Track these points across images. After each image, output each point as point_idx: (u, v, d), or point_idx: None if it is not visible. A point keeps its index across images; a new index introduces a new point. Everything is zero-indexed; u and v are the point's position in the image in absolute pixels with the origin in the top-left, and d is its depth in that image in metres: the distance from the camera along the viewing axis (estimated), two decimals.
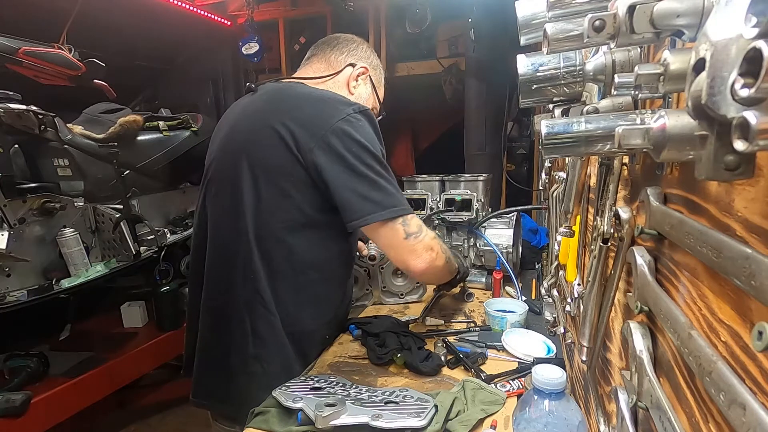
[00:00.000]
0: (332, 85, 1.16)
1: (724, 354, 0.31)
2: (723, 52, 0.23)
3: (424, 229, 1.04)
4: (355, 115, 0.99)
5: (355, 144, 0.96)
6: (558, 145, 0.43)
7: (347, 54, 1.18)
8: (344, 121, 0.97)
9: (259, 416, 0.90)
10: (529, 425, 0.67)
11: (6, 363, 1.89)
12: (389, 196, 0.98)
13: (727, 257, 0.29)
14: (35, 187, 1.88)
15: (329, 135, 0.96)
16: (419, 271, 1.03)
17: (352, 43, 1.20)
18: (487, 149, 2.84)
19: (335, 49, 1.18)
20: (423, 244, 1.02)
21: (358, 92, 1.19)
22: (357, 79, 1.18)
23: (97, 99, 2.29)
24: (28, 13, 2.34)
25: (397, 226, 0.99)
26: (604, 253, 0.60)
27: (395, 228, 0.99)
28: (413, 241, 1.00)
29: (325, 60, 1.18)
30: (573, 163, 0.79)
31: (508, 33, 2.54)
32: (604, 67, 0.50)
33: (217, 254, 1.08)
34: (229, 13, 3.51)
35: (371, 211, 0.96)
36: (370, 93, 1.22)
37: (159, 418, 2.52)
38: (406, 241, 1.00)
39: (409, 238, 1.00)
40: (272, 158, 1.00)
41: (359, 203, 0.96)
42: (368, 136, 0.99)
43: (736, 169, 0.25)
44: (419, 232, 1.01)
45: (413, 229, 1.00)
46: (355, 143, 0.96)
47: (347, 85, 1.17)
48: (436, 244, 1.06)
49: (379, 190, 0.97)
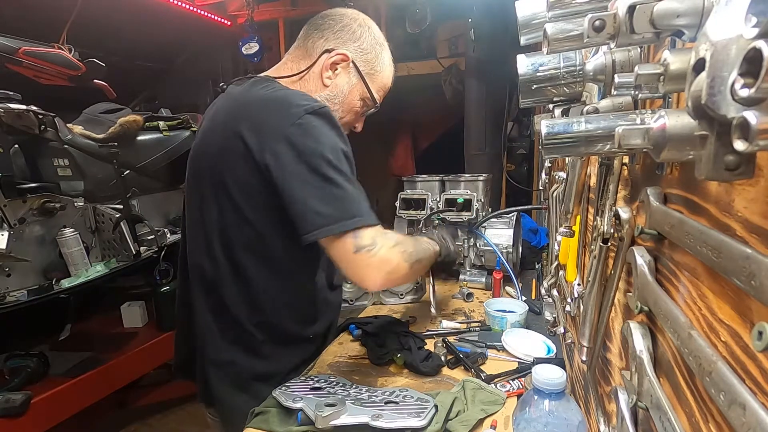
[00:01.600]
0: (308, 76, 1.03)
1: (724, 354, 0.31)
2: (723, 52, 0.23)
3: (380, 239, 0.90)
4: (306, 117, 0.88)
5: (305, 151, 0.87)
6: (558, 145, 0.43)
7: (326, 37, 1.03)
8: (294, 126, 0.87)
9: (259, 416, 0.90)
10: (529, 425, 0.67)
11: (6, 363, 1.89)
12: (341, 207, 0.87)
13: (727, 257, 0.29)
14: (35, 187, 1.88)
15: (279, 144, 0.88)
16: (374, 287, 0.92)
17: (338, 23, 1.04)
18: (487, 149, 2.84)
19: (317, 30, 1.04)
20: (377, 258, 0.89)
21: (335, 83, 1.03)
22: (332, 68, 1.02)
23: (97, 99, 2.29)
24: (28, 13, 2.35)
25: (347, 240, 0.88)
26: (604, 253, 0.60)
27: (345, 242, 0.88)
28: (365, 255, 0.88)
29: (305, 46, 1.05)
30: (573, 163, 0.79)
31: (508, 33, 2.54)
32: (604, 67, 0.50)
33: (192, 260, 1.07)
34: (229, 13, 3.52)
35: (320, 225, 0.87)
36: (354, 84, 1.05)
37: (159, 418, 2.52)
38: (356, 256, 0.88)
39: (359, 252, 0.88)
40: (229, 167, 0.93)
41: (309, 216, 0.87)
42: (320, 138, 0.88)
43: (736, 169, 0.25)
44: (372, 245, 0.89)
45: (365, 242, 0.88)
46: (305, 150, 0.87)
47: (320, 77, 1.02)
48: (395, 254, 0.93)
49: (330, 201, 0.87)
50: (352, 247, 0.88)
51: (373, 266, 0.89)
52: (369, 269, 0.89)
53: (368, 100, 1.09)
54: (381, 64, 1.08)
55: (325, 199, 0.87)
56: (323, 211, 0.86)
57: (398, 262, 0.93)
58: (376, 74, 1.08)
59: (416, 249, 1.00)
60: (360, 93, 1.07)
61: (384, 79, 1.11)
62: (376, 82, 1.08)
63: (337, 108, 1.04)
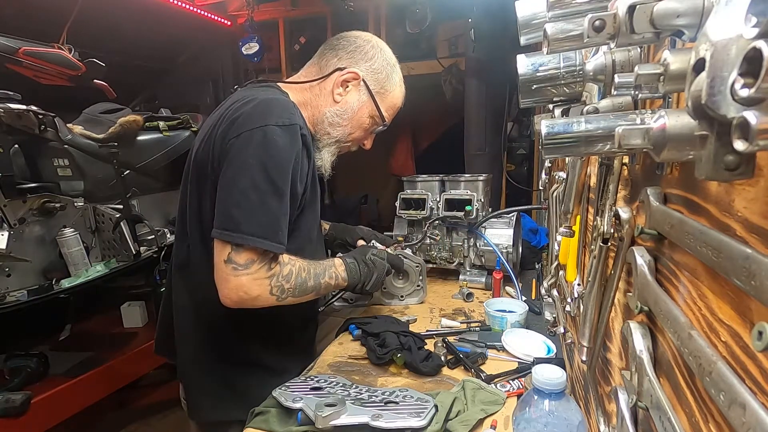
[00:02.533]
0: (318, 90, 1.07)
1: (724, 354, 0.31)
2: (723, 52, 0.23)
3: (256, 266, 0.90)
4: (273, 128, 0.90)
5: (254, 156, 0.89)
6: (558, 145, 0.43)
7: (340, 56, 1.08)
8: (259, 130, 0.90)
9: (259, 416, 0.90)
10: (529, 425, 0.67)
11: (6, 363, 1.89)
12: (251, 220, 0.89)
13: (727, 257, 0.29)
14: (35, 187, 1.88)
15: (239, 140, 0.91)
16: (225, 302, 0.92)
17: (352, 44, 1.09)
18: (487, 149, 2.84)
19: (332, 50, 1.09)
20: (238, 281, 0.89)
21: (346, 100, 1.07)
22: (343, 85, 1.07)
23: (97, 99, 2.29)
24: (28, 13, 2.34)
25: (227, 248, 0.90)
26: (604, 253, 0.60)
27: (225, 248, 0.90)
28: (230, 269, 0.89)
29: (319, 63, 1.10)
30: (573, 163, 0.79)
31: (508, 33, 2.54)
32: (604, 67, 0.50)
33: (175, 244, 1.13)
34: (229, 13, 3.52)
35: (223, 226, 0.89)
36: (365, 102, 1.09)
37: (159, 418, 2.52)
38: (223, 266, 0.90)
39: (228, 264, 0.89)
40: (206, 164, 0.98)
41: (221, 215, 0.91)
42: (274, 152, 0.90)
43: (736, 169, 0.25)
44: (243, 266, 0.89)
45: (238, 259, 0.89)
46: (255, 155, 0.89)
47: (332, 93, 1.06)
48: (261, 287, 0.92)
49: (245, 210, 0.89)
50: (225, 255, 0.90)
51: (231, 284, 0.90)
52: (226, 284, 0.91)
53: (377, 118, 1.12)
54: (391, 85, 1.12)
55: (241, 204, 0.89)
56: (233, 214, 0.89)
57: (260, 295, 0.93)
58: (386, 94, 1.12)
59: (298, 286, 0.99)
60: (369, 111, 1.11)
61: (394, 99, 1.14)
62: (386, 101, 1.12)
63: (346, 124, 1.08)
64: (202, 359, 1.07)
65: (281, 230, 0.92)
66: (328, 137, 1.09)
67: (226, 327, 1.05)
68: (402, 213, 1.75)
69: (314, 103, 1.08)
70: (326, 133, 1.08)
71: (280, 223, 0.92)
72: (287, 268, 0.97)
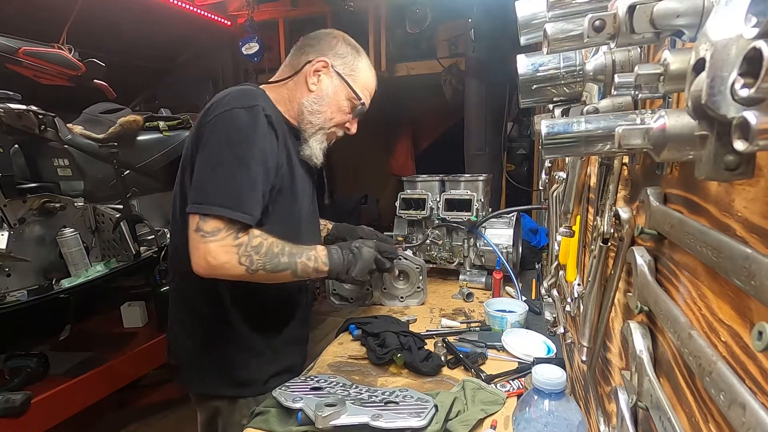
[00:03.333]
0: (293, 86, 1.15)
1: (724, 354, 0.31)
2: (723, 52, 0.23)
3: (224, 234, 0.95)
4: (236, 110, 0.99)
5: (219, 134, 0.98)
6: (558, 145, 0.43)
7: (307, 52, 1.15)
8: (225, 113, 0.99)
9: (259, 416, 0.90)
10: (529, 425, 0.67)
11: (6, 363, 1.88)
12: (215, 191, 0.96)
13: (727, 257, 0.29)
14: (35, 187, 1.88)
15: (207, 126, 1.00)
16: (197, 270, 0.97)
17: (315, 38, 1.18)
18: (487, 149, 2.84)
19: (299, 49, 1.17)
20: (205, 248, 0.95)
21: (320, 87, 1.14)
22: (315, 74, 1.13)
23: (97, 99, 2.29)
24: (28, 13, 2.35)
25: (195, 218, 0.96)
26: (604, 253, 0.60)
27: (194, 218, 0.96)
28: (198, 237, 0.95)
29: (290, 64, 1.18)
30: (573, 163, 0.79)
31: (508, 33, 2.54)
32: (604, 67, 0.50)
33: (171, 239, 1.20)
34: (229, 13, 3.52)
35: (192, 200, 0.97)
36: (338, 85, 1.15)
37: (159, 418, 2.52)
38: (193, 234, 0.96)
39: (197, 232, 0.95)
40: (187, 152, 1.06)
41: (192, 193, 0.98)
42: (237, 129, 0.98)
43: (736, 169, 0.25)
44: (210, 234, 0.95)
45: (205, 227, 0.95)
46: (220, 134, 0.98)
47: (306, 83, 1.13)
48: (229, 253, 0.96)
49: (210, 182, 0.97)
50: (195, 225, 0.96)
51: (200, 251, 0.95)
52: (196, 252, 0.96)
53: (354, 99, 1.17)
54: (359, 66, 1.19)
55: (209, 180, 0.97)
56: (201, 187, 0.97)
57: (227, 262, 0.96)
58: (356, 74, 1.18)
59: (269, 260, 1.01)
60: (345, 94, 1.16)
61: (365, 79, 1.20)
62: (358, 81, 1.18)
63: (324, 109, 1.14)
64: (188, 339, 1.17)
65: (246, 201, 0.97)
66: (311, 126, 1.14)
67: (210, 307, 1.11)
68: (402, 213, 1.75)
69: (291, 97, 1.14)
70: (309, 123, 1.14)
71: (246, 194, 0.97)
72: (257, 240, 1.00)
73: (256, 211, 0.99)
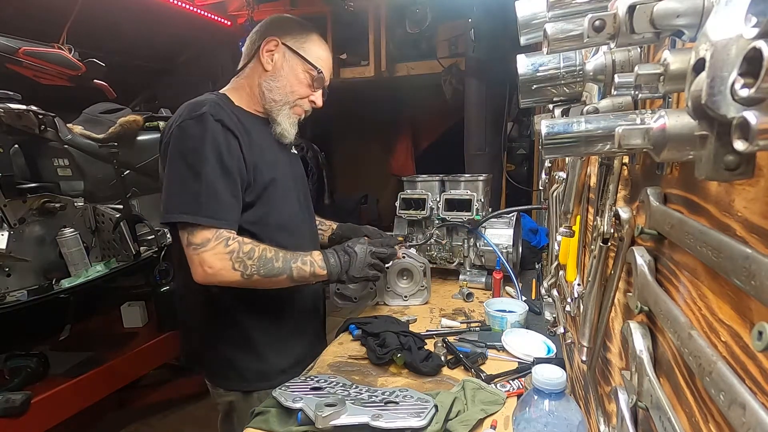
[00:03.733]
0: (249, 72, 1.19)
1: (724, 354, 0.31)
2: (723, 52, 0.23)
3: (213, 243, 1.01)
4: (186, 122, 1.04)
5: (173, 149, 1.03)
6: (558, 145, 0.43)
7: (256, 38, 1.20)
8: (177, 128, 1.04)
9: (259, 416, 0.90)
10: (529, 425, 0.67)
11: (6, 363, 1.89)
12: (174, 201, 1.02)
13: (727, 257, 0.29)
14: (35, 187, 1.88)
15: (167, 143, 1.06)
16: (197, 280, 1.03)
17: (263, 25, 1.22)
18: (487, 149, 2.84)
19: (250, 39, 1.21)
20: (199, 258, 1.00)
21: (275, 65, 1.17)
22: (267, 54, 1.17)
23: (97, 99, 2.29)
24: (28, 13, 2.34)
25: (183, 234, 1.02)
26: (604, 253, 0.60)
27: (182, 235, 1.03)
28: (191, 251, 1.01)
29: (246, 53, 1.22)
30: (573, 163, 0.79)
31: (508, 33, 2.54)
32: (604, 67, 0.50)
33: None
34: (229, 13, 3.51)
35: (167, 209, 1.02)
36: (291, 58, 1.18)
37: (159, 418, 2.52)
38: (187, 249, 1.02)
39: (188, 247, 1.02)
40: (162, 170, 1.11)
41: (162, 203, 1.04)
42: (188, 141, 1.03)
43: (736, 169, 0.25)
44: (200, 246, 1.00)
45: (195, 240, 1.01)
46: (173, 148, 1.03)
47: (261, 65, 1.17)
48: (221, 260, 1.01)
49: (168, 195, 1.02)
50: (185, 240, 1.02)
51: (195, 262, 1.01)
52: (192, 264, 1.02)
53: (311, 71, 1.18)
54: (309, 38, 1.20)
55: (167, 192, 1.03)
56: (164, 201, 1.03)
57: (223, 268, 1.01)
58: (307, 44, 1.19)
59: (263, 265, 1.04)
60: (301, 66, 1.18)
61: (318, 50, 1.21)
62: (311, 52, 1.19)
63: (284, 83, 1.17)
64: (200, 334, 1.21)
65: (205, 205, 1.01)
66: (275, 104, 1.17)
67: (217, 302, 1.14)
68: (402, 213, 1.75)
69: (251, 84, 1.18)
70: (272, 101, 1.17)
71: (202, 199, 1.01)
72: (248, 246, 1.04)
73: (228, 216, 1.03)
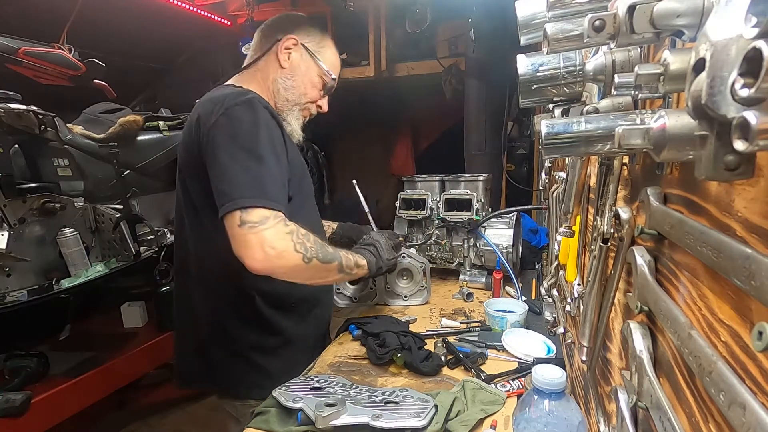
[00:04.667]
0: (264, 65, 1.16)
1: (724, 354, 0.31)
2: (723, 52, 0.23)
3: (272, 221, 0.91)
4: (233, 108, 0.97)
5: (224, 136, 0.96)
6: (558, 145, 0.43)
7: (274, 31, 1.17)
8: (222, 116, 0.97)
9: (259, 416, 0.90)
10: (529, 425, 0.67)
11: (6, 363, 1.88)
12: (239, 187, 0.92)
13: (727, 257, 0.29)
14: (35, 187, 1.87)
15: (209, 131, 0.97)
16: (254, 264, 0.90)
17: (279, 19, 1.21)
18: (487, 149, 2.84)
19: (263, 31, 1.20)
20: (259, 237, 0.89)
21: (291, 64, 1.15)
22: (286, 51, 1.15)
23: (97, 99, 2.29)
24: (28, 13, 2.34)
25: (236, 214, 0.90)
26: (604, 253, 0.60)
27: (233, 216, 0.90)
28: (247, 229, 0.89)
29: (258, 45, 1.19)
30: (573, 163, 0.79)
31: (508, 33, 2.54)
32: (604, 67, 0.50)
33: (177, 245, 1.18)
34: (229, 13, 3.51)
35: (221, 204, 0.93)
36: (308, 61, 1.17)
37: (159, 418, 2.52)
38: (239, 230, 0.89)
39: (243, 226, 0.89)
40: (188, 159, 1.05)
41: (217, 197, 0.95)
42: (240, 125, 0.97)
43: (736, 169, 0.25)
44: (259, 223, 0.89)
45: (251, 218, 0.89)
46: (224, 135, 0.96)
47: (277, 60, 1.15)
48: (284, 240, 0.92)
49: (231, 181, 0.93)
50: (237, 220, 0.90)
51: (253, 242, 0.89)
52: (249, 245, 0.89)
53: (324, 76, 1.20)
54: (325, 42, 1.22)
55: (229, 179, 0.94)
56: (225, 189, 0.93)
57: (286, 249, 0.92)
58: (324, 50, 1.21)
59: (320, 248, 0.99)
60: (316, 70, 1.19)
61: (332, 57, 1.23)
62: (327, 59, 1.20)
63: (298, 84, 1.16)
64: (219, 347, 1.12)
65: (272, 189, 0.95)
66: (287, 103, 1.16)
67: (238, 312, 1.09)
68: (402, 213, 1.75)
69: (265, 78, 1.16)
70: (284, 99, 1.16)
71: (268, 183, 0.95)
72: (303, 229, 0.97)
73: (284, 201, 0.96)
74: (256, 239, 0.89)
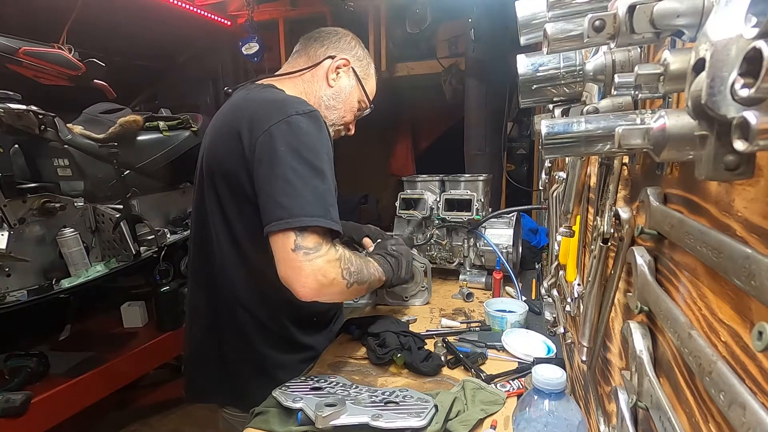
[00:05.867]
0: (310, 77, 1.13)
1: (724, 354, 0.31)
2: (723, 52, 0.23)
3: (325, 248, 0.89)
4: (296, 117, 0.92)
5: (285, 145, 0.90)
6: (558, 145, 0.43)
7: (327, 46, 1.14)
8: (283, 122, 0.91)
9: (259, 416, 0.90)
10: (529, 425, 0.67)
11: (6, 363, 1.89)
12: (302, 203, 0.88)
13: (727, 257, 0.29)
14: (35, 187, 1.88)
15: (265, 137, 0.92)
16: (304, 293, 0.88)
17: (335, 35, 1.17)
18: (487, 149, 2.84)
19: (316, 41, 1.15)
20: (313, 264, 0.87)
21: (339, 84, 1.14)
22: (336, 71, 1.13)
23: (97, 99, 2.29)
24: (28, 13, 2.35)
25: (290, 235, 0.86)
26: (604, 253, 0.60)
27: (287, 236, 0.87)
28: (301, 256, 0.86)
29: (306, 54, 1.16)
30: (573, 163, 0.79)
31: (508, 33, 2.55)
32: (604, 67, 0.50)
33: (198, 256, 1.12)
34: (229, 13, 3.52)
35: (277, 218, 0.87)
36: (354, 85, 1.17)
37: (159, 418, 2.52)
38: (293, 254, 0.86)
39: (297, 251, 0.86)
40: (229, 165, 0.98)
41: (269, 206, 0.89)
42: (304, 137, 0.92)
43: (736, 169, 0.25)
44: (314, 249, 0.87)
45: (307, 244, 0.87)
46: (286, 144, 0.90)
47: (326, 78, 1.13)
48: (334, 268, 0.91)
49: (293, 196, 0.88)
50: (292, 243, 0.86)
51: (307, 271, 0.87)
52: (301, 273, 0.87)
53: (363, 102, 1.21)
54: (371, 71, 1.23)
55: (288, 192, 0.88)
56: (284, 203, 0.87)
57: (335, 278, 0.91)
58: (369, 78, 1.22)
59: (359, 271, 0.99)
60: (358, 95, 1.19)
61: (373, 84, 1.24)
62: (369, 86, 1.22)
63: (340, 107, 1.15)
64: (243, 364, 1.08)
65: (332, 209, 0.92)
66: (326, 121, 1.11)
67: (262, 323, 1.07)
68: (402, 213, 1.75)
69: (310, 91, 1.13)
70: (325, 118, 1.11)
71: (330, 202, 0.92)
72: (347, 253, 0.96)
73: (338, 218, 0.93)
74: (310, 268, 0.87)
